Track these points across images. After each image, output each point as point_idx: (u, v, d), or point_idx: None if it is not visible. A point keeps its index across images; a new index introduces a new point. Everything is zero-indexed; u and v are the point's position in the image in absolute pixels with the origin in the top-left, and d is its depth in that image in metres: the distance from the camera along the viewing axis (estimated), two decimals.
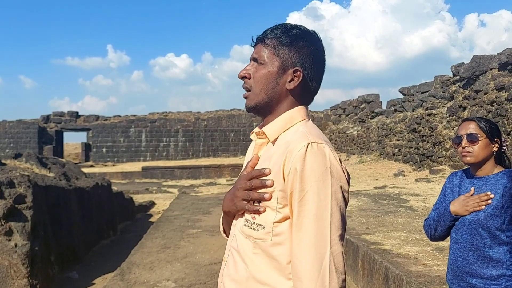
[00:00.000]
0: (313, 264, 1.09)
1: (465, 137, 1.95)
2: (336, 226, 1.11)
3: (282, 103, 1.26)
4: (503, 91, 9.42)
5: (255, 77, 1.26)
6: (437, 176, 11.13)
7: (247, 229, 1.21)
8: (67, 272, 6.46)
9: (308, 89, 1.28)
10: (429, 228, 2.09)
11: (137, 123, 27.33)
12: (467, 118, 2.05)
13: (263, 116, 1.30)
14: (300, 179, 1.11)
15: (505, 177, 1.88)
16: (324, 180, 1.11)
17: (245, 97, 1.29)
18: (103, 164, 25.28)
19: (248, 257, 1.20)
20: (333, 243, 1.10)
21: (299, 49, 1.24)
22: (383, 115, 17.41)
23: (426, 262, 3.72)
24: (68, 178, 8.10)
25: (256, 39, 1.29)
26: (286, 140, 1.21)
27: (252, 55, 1.29)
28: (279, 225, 1.16)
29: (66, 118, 27.48)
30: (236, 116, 28.15)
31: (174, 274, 5.30)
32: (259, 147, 1.31)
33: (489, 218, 1.83)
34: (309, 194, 1.10)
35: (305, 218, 1.11)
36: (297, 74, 1.24)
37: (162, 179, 20.61)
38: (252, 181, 1.20)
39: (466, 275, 1.88)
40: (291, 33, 1.24)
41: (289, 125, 1.25)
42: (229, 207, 1.28)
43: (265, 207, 1.18)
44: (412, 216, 5.94)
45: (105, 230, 8.99)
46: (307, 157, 1.11)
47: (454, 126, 11.70)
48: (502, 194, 1.82)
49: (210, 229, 7.84)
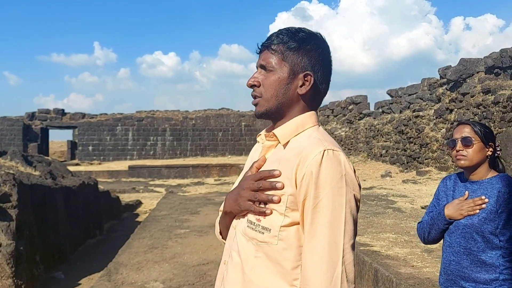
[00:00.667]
0: (325, 273, 1.07)
1: (459, 140, 1.94)
2: (349, 235, 1.10)
3: (293, 108, 1.24)
4: (489, 94, 9.54)
5: (265, 84, 1.24)
6: (423, 177, 11.23)
7: (251, 231, 1.18)
8: (52, 272, 6.37)
9: (319, 92, 1.27)
10: (423, 231, 2.08)
11: (124, 121, 27.11)
12: (462, 121, 2.05)
13: (274, 122, 1.28)
14: (315, 185, 1.09)
15: (500, 181, 1.88)
16: (339, 188, 1.10)
17: (254, 104, 1.27)
18: (89, 163, 25.01)
19: (249, 260, 1.17)
20: (345, 252, 1.09)
21: (307, 52, 1.22)
22: (371, 117, 17.52)
23: (416, 264, 3.74)
24: (54, 177, 7.98)
25: (262, 45, 1.27)
26: (298, 144, 1.19)
27: (259, 62, 1.26)
28: (286, 229, 1.14)
29: (52, 115, 27.13)
30: (224, 115, 28.09)
31: (162, 274, 5.25)
32: (267, 149, 1.28)
33: (483, 222, 1.83)
34: (324, 201, 1.09)
35: (319, 225, 1.09)
36: (307, 78, 1.22)
37: (149, 178, 20.47)
38: (261, 182, 1.17)
39: (459, 279, 1.88)
40: (298, 37, 1.23)
41: (300, 130, 1.23)
42: (232, 207, 1.25)
43: (272, 210, 1.15)
44: (400, 218, 5.98)
45: (91, 229, 8.89)
46: (323, 163, 1.10)
47: (441, 128, 11.82)
48: (497, 199, 1.83)
49: (198, 229, 7.79)
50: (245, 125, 28.10)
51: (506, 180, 1.87)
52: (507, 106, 8.76)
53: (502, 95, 8.97)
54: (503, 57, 9.26)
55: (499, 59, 9.43)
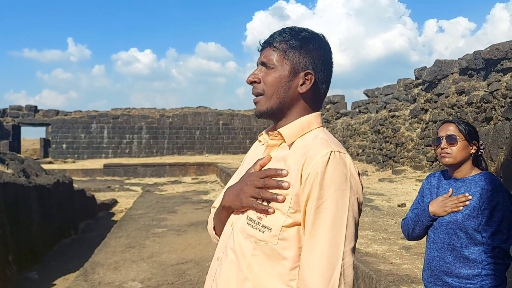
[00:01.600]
0: (324, 274, 1.06)
1: (444, 138, 1.98)
2: (350, 238, 1.10)
3: (294, 107, 1.24)
4: (463, 95, 9.76)
5: (266, 81, 1.23)
6: (399, 176, 11.41)
7: (250, 229, 1.16)
8: (26, 273, 6.20)
9: (319, 93, 1.26)
10: (407, 228, 2.11)
11: (99, 119, 26.63)
12: (447, 120, 2.09)
13: (275, 121, 1.27)
14: (320, 186, 1.08)
15: (483, 179, 1.92)
16: (343, 190, 1.09)
17: (255, 102, 1.26)
18: (63, 161, 24.46)
19: (245, 258, 1.15)
20: (345, 254, 1.08)
21: (309, 52, 1.23)
22: (348, 116, 17.72)
23: (394, 261, 3.79)
24: (27, 175, 7.78)
25: (264, 43, 1.27)
26: (304, 144, 1.18)
27: (260, 59, 1.26)
28: (287, 230, 1.13)
29: (24, 112, 26.42)
30: (202, 113, 27.92)
31: (140, 274, 5.19)
32: (270, 148, 1.27)
33: (467, 219, 1.87)
34: (327, 202, 1.08)
35: (321, 226, 1.08)
36: (308, 77, 1.22)
37: (125, 176, 20.18)
38: (267, 180, 1.15)
39: (443, 274, 1.91)
40: (300, 36, 1.23)
41: (306, 130, 1.23)
42: (232, 202, 1.23)
43: (275, 209, 1.14)
44: (378, 215, 6.06)
45: (66, 229, 8.70)
46: (329, 165, 1.10)
47: (416, 128, 12.04)
48: (480, 196, 1.86)
49: (176, 229, 7.73)
50: (223, 124, 28.00)
51: (488, 178, 1.91)
52: (480, 106, 8.98)
53: (475, 96, 9.19)
54: (476, 59, 9.48)
55: (472, 60, 9.66)
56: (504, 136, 8.05)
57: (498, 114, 8.37)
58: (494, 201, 1.84)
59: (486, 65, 9.18)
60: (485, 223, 1.83)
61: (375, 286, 3.32)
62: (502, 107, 8.25)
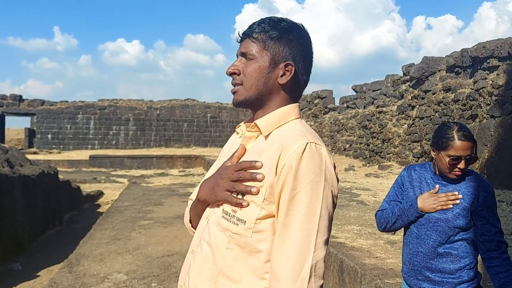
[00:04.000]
0: (294, 266, 1.06)
1: (464, 160, 1.88)
2: (323, 231, 1.10)
3: (274, 98, 1.23)
4: (450, 92, 9.86)
5: (246, 72, 1.22)
6: (385, 171, 11.52)
7: (225, 222, 1.16)
8: (9, 264, 6.13)
9: (299, 83, 1.26)
10: (385, 220, 2.06)
11: (86, 109, 26.33)
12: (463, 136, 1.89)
13: (253, 111, 1.27)
14: (294, 177, 1.08)
15: (474, 180, 1.92)
16: (318, 182, 1.09)
17: (233, 92, 1.25)
18: (48, 151, 24.17)
19: (220, 252, 1.15)
20: (317, 247, 1.08)
21: (289, 42, 1.22)
22: (336, 111, 17.79)
23: (379, 255, 3.83)
24: (11, 165, 7.66)
25: (243, 34, 1.26)
26: (280, 136, 1.18)
27: (240, 50, 1.25)
28: (262, 222, 1.12)
29: (9, 101, 25.98)
30: (190, 106, 27.78)
31: (126, 266, 5.16)
32: (247, 140, 1.26)
33: (457, 217, 1.87)
34: (301, 194, 1.08)
35: (293, 217, 1.08)
36: (288, 68, 1.21)
37: (111, 168, 20.02)
38: (241, 172, 1.15)
39: (425, 270, 1.92)
40: (280, 26, 1.22)
41: (283, 122, 1.22)
42: (207, 196, 1.23)
43: (249, 202, 1.13)
44: (364, 210, 6.11)
45: (51, 220, 8.61)
46: (304, 156, 1.09)
47: (403, 124, 12.14)
48: (474, 197, 1.88)
49: (162, 221, 7.70)
50: (211, 117, 27.91)
51: (479, 179, 1.93)
52: (466, 104, 9.09)
53: (461, 93, 9.29)
54: (463, 57, 9.58)
55: (460, 58, 9.75)
56: (488, 134, 8.17)
57: (483, 112, 8.48)
58: (489, 202, 1.88)
59: (473, 63, 9.28)
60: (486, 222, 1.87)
61: (360, 280, 3.36)
62: (488, 104, 8.36)
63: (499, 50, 8.47)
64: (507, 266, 1.81)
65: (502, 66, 8.38)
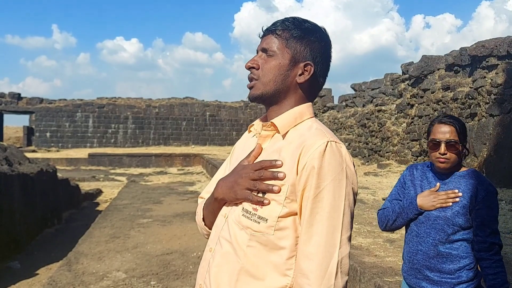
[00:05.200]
0: (321, 262, 1.07)
1: (444, 143, 1.90)
2: (346, 227, 1.11)
3: (290, 96, 1.24)
4: (449, 91, 9.87)
5: (265, 68, 1.22)
6: (384, 170, 11.52)
7: (246, 220, 1.16)
8: (8, 262, 6.12)
9: (316, 85, 1.27)
10: (386, 219, 2.07)
11: (84, 107, 26.30)
12: (444, 119, 1.95)
13: (267, 106, 1.27)
14: (318, 175, 1.09)
15: (472, 176, 1.91)
16: (340, 180, 1.11)
17: (249, 87, 1.25)
18: (46, 150, 24.13)
19: (241, 249, 1.15)
20: (342, 243, 1.10)
21: (311, 43, 1.23)
22: (335, 110, 17.79)
23: (378, 254, 3.83)
24: (10, 163, 7.65)
25: (266, 30, 1.26)
26: (298, 135, 1.19)
27: (261, 45, 1.25)
28: (283, 220, 1.13)
29: (7, 99, 25.94)
30: (189, 104, 27.76)
31: (125, 264, 5.16)
32: (263, 139, 1.26)
33: (456, 215, 1.87)
34: (325, 192, 1.09)
35: (318, 215, 1.09)
36: (307, 68, 1.22)
37: (110, 166, 20.00)
38: (262, 171, 1.15)
39: (425, 269, 1.91)
40: (303, 26, 1.23)
41: (299, 121, 1.23)
42: (226, 195, 1.23)
43: (270, 200, 1.14)
44: (363, 209, 6.11)
45: (50, 218, 8.60)
46: (326, 155, 1.10)
47: (401, 122, 12.14)
48: (471, 195, 1.86)
49: (161, 219, 7.70)
50: (210, 115, 27.89)
51: (476, 175, 1.92)
52: (465, 103, 9.09)
53: (460, 92, 9.29)
54: (462, 55, 9.58)
55: (458, 57, 9.75)
56: (487, 132, 8.17)
57: (482, 111, 8.49)
58: (488, 201, 1.85)
59: (472, 61, 9.28)
60: (481, 222, 1.84)
61: (359, 278, 3.36)
62: (487, 103, 8.36)
63: (498, 49, 8.47)
64: (497, 268, 1.80)
65: (501, 65, 8.38)
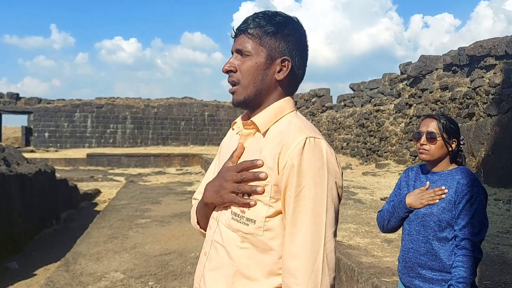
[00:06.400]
0: (307, 261, 1.07)
1: (424, 134, 2.00)
2: (330, 223, 1.10)
3: (271, 94, 1.22)
4: (447, 91, 9.88)
5: (242, 69, 1.20)
6: (382, 170, 11.54)
7: (236, 223, 1.16)
8: (5, 262, 6.11)
9: (296, 78, 1.25)
10: (382, 220, 2.13)
11: (83, 107, 26.28)
12: (430, 115, 2.10)
13: (252, 110, 1.25)
14: (298, 173, 1.08)
15: (459, 173, 1.95)
16: (321, 176, 1.09)
17: (231, 92, 1.23)
18: (45, 150, 24.11)
19: (234, 252, 1.16)
20: (327, 240, 1.09)
21: (285, 37, 1.20)
22: (333, 110, 17.78)
23: (376, 254, 3.84)
24: (8, 163, 7.64)
25: (237, 29, 1.23)
26: (278, 132, 1.17)
27: (235, 46, 1.22)
28: (271, 219, 1.13)
29: (5, 99, 25.90)
30: (187, 104, 27.75)
31: (123, 265, 5.16)
32: (244, 137, 1.25)
33: (442, 211, 1.90)
34: (306, 189, 1.08)
35: (301, 213, 1.08)
36: (285, 63, 1.20)
37: (108, 167, 19.99)
38: (244, 173, 1.14)
39: (417, 266, 1.95)
40: (275, 21, 1.19)
41: (279, 116, 1.21)
42: (214, 199, 1.23)
43: (256, 201, 1.14)
44: (361, 209, 6.12)
45: (48, 218, 8.60)
46: (305, 152, 1.09)
47: (400, 122, 12.16)
48: (455, 190, 1.89)
49: (160, 219, 7.70)
50: (208, 115, 27.89)
51: (465, 172, 1.95)
52: (463, 102, 9.10)
53: (458, 92, 9.31)
54: (460, 55, 9.59)
55: (456, 57, 9.76)
56: (485, 132, 8.19)
57: (480, 110, 8.50)
58: (468, 195, 1.87)
59: (470, 61, 9.29)
60: (457, 215, 1.86)
61: (357, 278, 3.36)
62: (485, 103, 8.37)
63: (496, 48, 8.49)
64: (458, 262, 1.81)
65: (499, 64, 8.40)
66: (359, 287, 3.32)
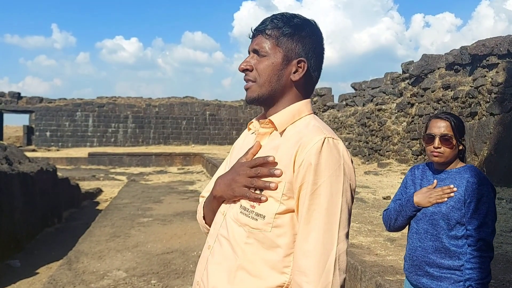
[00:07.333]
0: (319, 260, 1.07)
1: (438, 137, 1.95)
2: (344, 224, 1.11)
3: (286, 94, 1.24)
4: (449, 90, 9.86)
5: (259, 69, 1.22)
6: (384, 169, 11.52)
7: (244, 217, 1.16)
8: (8, 260, 6.11)
9: (311, 80, 1.26)
10: (389, 219, 2.12)
11: (84, 107, 26.29)
12: (439, 115, 2.03)
13: (266, 108, 1.27)
14: (315, 172, 1.08)
15: (468, 171, 1.93)
16: (337, 176, 1.10)
17: (246, 89, 1.25)
18: (46, 149, 24.12)
19: (239, 246, 1.15)
20: (340, 240, 1.09)
21: (302, 39, 1.22)
22: (335, 109, 17.77)
23: (379, 252, 3.83)
24: (10, 162, 7.64)
25: (255, 30, 1.26)
26: (296, 132, 1.18)
27: (252, 46, 1.25)
28: (281, 217, 1.13)
29: (7, 98, 25.92)
30: (189, 104, 27.75)
31: (125, 263, 5.16)
32: (261, 136, 1.26)
33: (451, 210, 1.88)
34: (322, 188, 1.08)
35: (315, 212, 1.08)
36: (301, 65, 1.21)
37: (110, 166, 19.99)
38: (259, 169, 1.15)
39: (425, 265, 1.93)
40: (293, 23, 1.22)
41: (297, 118, 1.22)
42: (224, 192, 1.23)
43: (267, 197, 1.14)
44: (363, 208, 6.11)
45: (50, 217, 8.60)
46: (323, 151, 1.10)
47: (402, 121, 12.14)
48: (465, 189, 1.87)
49: (161, 218, 7.70)
50: (210, 114, 27.89)
51: (473, 170, 1.93)
52: (465, 101, 9.09)
53: (461, 91, 9.29)
54: (462, 54, 9.57)
55: (459, 56, 9.75)
56: (488, 131, 8.17)
57: (482, 109, 8.48)
58: (479, 194, 1.85)
59: (472, 60, 9.27)
60: (470, 215, 1.84)
61: (360, 277, 3.35)
62: (487, 102, 8.36)
63: (498, 47, 8.47)
64: (475, 264, 1.80)
65: (501, 63, 8.38)
66: (363, 285, 3.31)
